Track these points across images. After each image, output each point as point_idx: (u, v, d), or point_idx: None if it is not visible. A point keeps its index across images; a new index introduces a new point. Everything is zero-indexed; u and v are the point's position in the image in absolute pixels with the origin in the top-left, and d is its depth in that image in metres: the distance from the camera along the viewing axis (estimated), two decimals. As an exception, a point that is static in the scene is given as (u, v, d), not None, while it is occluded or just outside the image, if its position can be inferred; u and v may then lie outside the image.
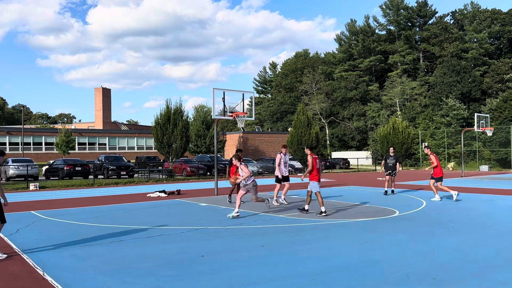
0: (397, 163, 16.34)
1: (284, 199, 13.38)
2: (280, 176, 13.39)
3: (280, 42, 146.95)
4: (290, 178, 14.03)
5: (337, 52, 74.11)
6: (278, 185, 13.47)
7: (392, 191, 16.38)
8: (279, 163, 13.36)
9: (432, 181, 14.32)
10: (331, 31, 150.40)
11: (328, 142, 64.85)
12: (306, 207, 11.39)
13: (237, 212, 10.73)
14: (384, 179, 16.90)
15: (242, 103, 17.02)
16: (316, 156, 11.43)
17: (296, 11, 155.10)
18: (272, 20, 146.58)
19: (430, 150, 14.64)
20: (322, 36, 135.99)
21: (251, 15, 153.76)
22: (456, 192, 14.09)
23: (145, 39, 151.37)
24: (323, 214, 10.84)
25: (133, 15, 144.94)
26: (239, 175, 11.12)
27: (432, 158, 14.27)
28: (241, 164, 11.03)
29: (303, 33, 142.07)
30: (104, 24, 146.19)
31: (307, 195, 11.32)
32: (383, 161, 16.77)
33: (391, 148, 16.84)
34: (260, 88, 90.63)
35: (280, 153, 13.32)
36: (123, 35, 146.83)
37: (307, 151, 11.56)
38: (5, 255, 6.82)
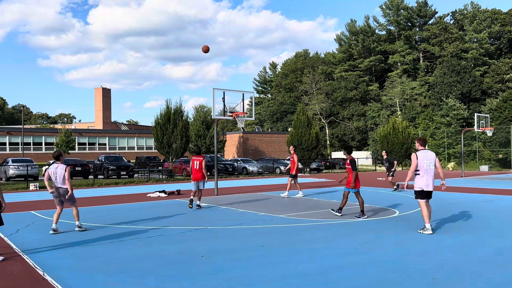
0: (393, 163, 18.17)
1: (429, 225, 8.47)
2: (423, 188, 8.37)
3: (281, 42, 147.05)
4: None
5: (337, 52, 74.10)
6: (423, 204, 8.45)
7: (397, 187, 17.75)
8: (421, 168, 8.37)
9: (291, 178, 15.91)
10: (332, 31, 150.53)
11: (328, 142, 64.85)
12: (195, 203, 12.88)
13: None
14: (384, 179, 18.92)
15: (242, 103, 17.02)
16: (196, 158, 12.82)
17: (297, 11, 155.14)
18: (273, 20, 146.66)
19: (294, 150, 16.47)
20: (323, 36, 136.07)
21: (252, 15, 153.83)
22: (301, 193, 15.87)
23: (146, 39, 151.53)
24: (198, 207, 12.62)
25: (134, 15, 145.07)
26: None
27: (295, 157, 15.95)
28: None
29: (304, 33, 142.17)
30: (105, 24, 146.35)
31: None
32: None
33: (383, 152, 18.66)
34: (260, 88, 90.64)
35: (415, 152, 8.48)
36: (124, 35, 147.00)
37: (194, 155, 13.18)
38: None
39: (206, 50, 14.60)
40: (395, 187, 17.72)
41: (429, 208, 8.46)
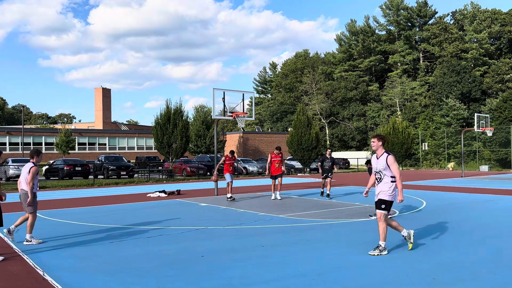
0: (334, 165, 15.64)
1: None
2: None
3: (281, 42, 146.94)
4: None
5: (337, 52, 74.10)
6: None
7: (328, 195, 15.29)
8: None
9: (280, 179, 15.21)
10: (333, 31, 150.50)
11: (328, 142, 64.85)
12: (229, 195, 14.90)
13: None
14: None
15: (242, 103, 17.03)
16: (227, 157, 15.19)
17: (298, 11, 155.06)
18: (274, 20, 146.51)
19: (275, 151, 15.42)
20: (324, 36, 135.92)
21: (253, 15, 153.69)
22: (277, 194, 15.06)
23: (146, 39, 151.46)
24: (229, 199, 14.68)
25: (135, 15, 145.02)
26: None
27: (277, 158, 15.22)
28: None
29: (305, 33, 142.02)
30: (106, 24, 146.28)
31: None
32: (320, 164, 15.67)
33: (328, 150, 16.02)
34: (260, 88, 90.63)
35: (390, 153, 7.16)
36: (124, 35, 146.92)
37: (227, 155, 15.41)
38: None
39: None
40: (323, 191, 15.67)
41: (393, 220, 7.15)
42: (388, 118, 56.18)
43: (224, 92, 16.70)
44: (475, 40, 59.85)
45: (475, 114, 29.04)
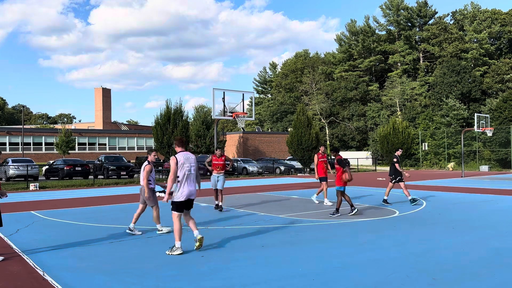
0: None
1: None
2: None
3: (282, 42, 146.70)
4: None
5: (337, 52, 74.08)
6: (178, 218, 7.27)
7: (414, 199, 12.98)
8: None
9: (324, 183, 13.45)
10: (334, 32, 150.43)
11: (328, 142, 64.83)
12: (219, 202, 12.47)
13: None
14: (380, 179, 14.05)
15: (242, 103, 17.03)
16: (214, 157, 12.51)
17: (299, 12, 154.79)
18: (275, 20, 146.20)
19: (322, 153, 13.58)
20: (324, 37, 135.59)
21: (254, 15, 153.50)
22: (327, 201, 13.29)
23: (147, 39, 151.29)
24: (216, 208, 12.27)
25: (136, 16, 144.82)
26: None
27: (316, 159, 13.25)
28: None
29: (306, 33, 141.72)
30: (106, 24, 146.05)
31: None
32: (398, 165, 13.20)
33: (400, 150, 13.59)
34: (260, 88, 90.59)
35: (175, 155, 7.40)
36: (125, 35, 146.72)
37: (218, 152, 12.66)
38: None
39: None
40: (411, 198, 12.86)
41: (190, 219, 7.33)
42: (388, 118, 56.15)
43: (224, 92, 16.71)
44: (475, 40, 59.84)
45: (475, 114, 29.05)
